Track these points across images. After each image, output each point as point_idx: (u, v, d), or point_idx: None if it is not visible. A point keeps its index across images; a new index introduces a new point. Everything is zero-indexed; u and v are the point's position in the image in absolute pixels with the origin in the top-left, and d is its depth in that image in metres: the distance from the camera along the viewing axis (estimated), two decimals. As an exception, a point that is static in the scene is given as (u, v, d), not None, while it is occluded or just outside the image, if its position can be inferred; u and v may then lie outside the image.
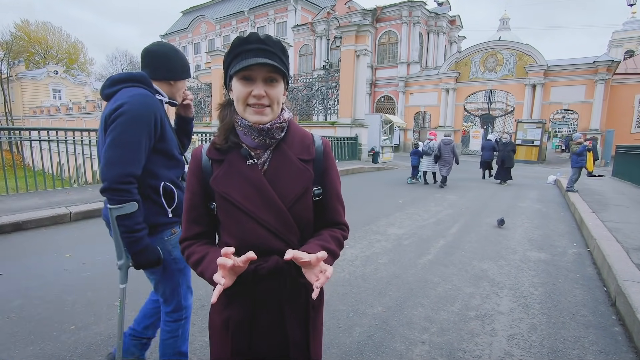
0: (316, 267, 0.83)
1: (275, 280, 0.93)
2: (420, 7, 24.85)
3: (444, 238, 4.66)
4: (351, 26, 14.60)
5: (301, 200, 0.96)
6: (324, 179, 1.02)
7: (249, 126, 0.91)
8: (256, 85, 0.88)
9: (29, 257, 3.45)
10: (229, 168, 0.94)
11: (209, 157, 0.97)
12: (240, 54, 0.88)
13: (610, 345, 2.29)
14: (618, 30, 38.70)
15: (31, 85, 39.46)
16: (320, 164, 1.01)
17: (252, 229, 0.92)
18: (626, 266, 3.22)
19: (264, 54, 0.87)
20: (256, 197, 0.92)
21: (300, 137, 1.01)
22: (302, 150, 0.99)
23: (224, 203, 0.94)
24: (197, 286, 2.90)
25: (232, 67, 0.90)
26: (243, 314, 0.94)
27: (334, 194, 1.04)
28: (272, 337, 0.96)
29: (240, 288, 0.92)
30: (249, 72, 0.87)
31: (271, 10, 31.83)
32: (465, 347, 2.22)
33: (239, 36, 0.89)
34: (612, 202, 6.88)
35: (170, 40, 42.62)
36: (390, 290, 3.01)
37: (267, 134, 0.92)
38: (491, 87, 22.38)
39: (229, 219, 0.94)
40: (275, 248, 0.92)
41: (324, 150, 1.02)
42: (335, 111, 15.27)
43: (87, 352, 2.03)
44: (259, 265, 0.92)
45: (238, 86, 0.89)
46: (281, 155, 0.96)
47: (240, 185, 0.92)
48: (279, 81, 0.91)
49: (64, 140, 6.48)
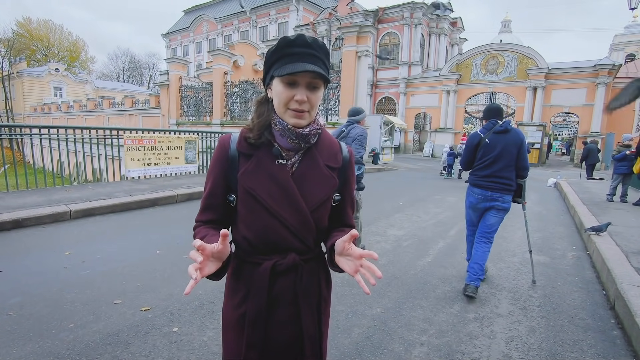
0: (358, 259, 0.84)
1: (291, 276, 0.96)
2: (421, 9, 24.88)
3: (443, 240, 4.66)
4: (353, 27, 14.60)
5: (323, 206, 0.99)
6: (344, 187, 1.05)
7: (287, 128, 0.93)
8: (299, 90, 0.88)
9: (29, 255, 3.45)
10: (257, 164, 0.95)
11: (239, 149, 0.97)
12: (285, 56, 0.88)
13: (609, 349, 2.29)
14: (619, 34, 38.69)
15: (32, 82, 39.43)
16: (345, 172, 1.04)
17: (273, 227, 0.94)
18: (625, 270, 3.22)
19: (311, 59, 0.87)
20: (281, 196, 0.93)
21: (328, 143, 1.03)
22: (330, 158, 1.01)
23: (248, 198, 0.95)
24: (199, 286, 2.90)
25: (274, 68, 0.90)
26: (259, 309, 0.95)
27: (349, 201, 1.08)
28: (288, 332, 0.98)
29: (258, 284, 0.95)
30: (293, 77, 0.87)
31: (273, 10, 31.87)
32: (464, 349, 2.22)
33: (286, 36, 0.89)
34: (611, 205, 6.88)
35: (172, 39, 42.70)
36: (389, 292, 3.01)
37: (304, 138, 0.95)
38: (492, 89, 22.37)
39: (251, 214, 0.95)
40: (293, 246, 0.96)
41: (349, 160, 1.06)
42: (336, 112, 15.26)
43: (86, 351, 2.03)
44: (277, 262, 0.95)
45: (281, 88, 0.89)
46: (310, 160, 0.98)
47: (267, 183, 0.93)
48: (321, 87, 0.92)
49: (64, 138, 6.48)
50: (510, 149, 2.99)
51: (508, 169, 3.02)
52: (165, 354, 2.04)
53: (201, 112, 20.71)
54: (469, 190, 3.23)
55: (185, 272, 3.16)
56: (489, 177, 3.06)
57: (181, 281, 2.99)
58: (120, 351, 2.04)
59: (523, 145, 3.01)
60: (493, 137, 3.05)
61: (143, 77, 59.95)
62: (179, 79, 21.35)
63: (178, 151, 7.99)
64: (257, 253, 0.97)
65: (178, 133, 8.25)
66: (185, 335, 2.23)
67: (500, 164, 3.01)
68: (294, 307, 0.97)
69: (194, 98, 20.95)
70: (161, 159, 7.69)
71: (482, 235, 3.13)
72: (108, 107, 30.21)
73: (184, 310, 2.52)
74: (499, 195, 3.03)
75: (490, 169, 3.04)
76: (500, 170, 3.01)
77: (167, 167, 7.84)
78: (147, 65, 60.53)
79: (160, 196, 5.89)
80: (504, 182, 3.03)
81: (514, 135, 3.02)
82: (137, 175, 7.29)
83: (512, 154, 3.00)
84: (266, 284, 0.94)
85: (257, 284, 0.95)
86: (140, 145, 7.25)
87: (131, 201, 5.40)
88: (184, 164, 8.16)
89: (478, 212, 3.19)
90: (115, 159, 7.38)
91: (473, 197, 3.16)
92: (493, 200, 3.05)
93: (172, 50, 42.85)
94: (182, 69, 22.00)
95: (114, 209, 5.16)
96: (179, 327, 2.31)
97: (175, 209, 5.68)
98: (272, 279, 0.95)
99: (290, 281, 0.96)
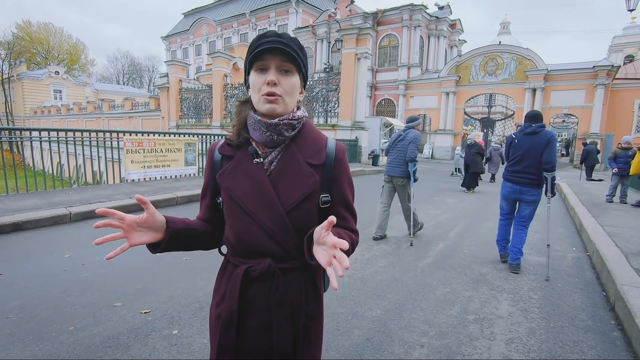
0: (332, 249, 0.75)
1: (265, 283, 0.92)
2: (421, 11, 24.96)
3: (443, 241, 4.66)
4: (352, 29, 14.66)
5: (302, 206, 0.93)
6: (333, 187, 0.97)
7: (257, 120, 0.91)
8: (270, 72, 0.88)
9: (29, 258, 3.45)
10: (236, 165, 0.95)
11: (220, 152, 0.99)
12: (257, 48, 0.88)
13: (609, 350, 2.29)
14: (618, 35, 38.81)
15: (32, 85, 39.51)
16: (330, 170, 0.96)
17: (250, 228, 0.92)
18: (625, 271, 3.22)
19: (279, 44, 0.87)
20: (257, 196, 0.91)
21: (313, 139, 0.98)
22: (313, 154, 0.96)
23: (227, 198, 0.95)
24: (196, 287, 2.90)
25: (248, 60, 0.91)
26: (231, 312, 0.93)
27: (341, 202, 0.99)
28: (259, 341, 0.94)
29: (230, 287, 0.94)
30: (263, 62, 0.88)
31: (272, 12, 31.97)
32: (464, 351, 2.22)
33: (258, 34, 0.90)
34: (611, 206, 6.88)
35: (172, 42, 42.79)
36: (389, 293, 3.01)
37: (275, 129, 0.91)
38: (491, 90, 22.42)
39: (231, 214, 0.96)
40: (270, 251, 0.92)
41: (336, 157, 0.98)
42: (335, 114, 15.29)
43: (86, 353, 2.03)
44: (250, 267, 0.92)
45: (254, 76, 0.90)
46: (289, 157, 0.94)
47: (244, 183, 0.93)
48: (294, 73, 0.90)
49: (64, 141, 6.49)
50: (536, 148, 3.47)
51: (534, 166, 3.49)
52: (166, 356, 2.04)
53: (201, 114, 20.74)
54: (503, 183, 3.83)
55: (185, 274, 3.16)
56: (517, 173, 3.61)
57: (181, 284, 2.98)
58: (120, 354, 2.04)
59: (549, 143, 3.43)
60: (522, 138, 3.59)
61: (143, 79, 60.13)
62: (178, 81, 21.39)
63: (178, 153, 7.99)
64: (237, 254, 0.96)
65: (178, 135, 8.27)
66: (185, 337, 2.23)
67: (527, 161, 3.52)
68: (266, 316, 0.92)
69: (193, 100, 20.98)
70: (161, 162, 7.69)
71: (518, 224, 3.74)
72: (108, 110, 30.26)
73: (184, 313, 2.52)
74: (527, 189, 3.57)
75: (519, 165, 3.58)
76: (527, 167, 3.53)
77: (167, 170, 7.84)
78: (147, 67, 60.77)
79: (160, 198, 5.89)
80: (529, 178, 3.53)
81: (541, 136, 3.48)
82: (137, 178, 7.30)
83: (538, 153, 3.45)
84: (237, 289, 0.92)
85: (231, 287, 0.94)
86: (140, 147, 7.26)
87: (131, 203, 5.40)
88: (183, 166, 8.16)
89: (509, 202, 3.81)
90: (115, 161, 7.38)
91: (505, 190, 3.78)
92: (521, 193, 3.61)
93: (171, 52, 42.94)
94: (182, 72, 22.05)
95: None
96: (179, 329, 2.31)
97: (175, 211, 5.68)
98: (247, 284, 0.92)
99: (264, 289, 0.92)
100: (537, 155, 3.44)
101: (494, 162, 11.76)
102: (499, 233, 3.98)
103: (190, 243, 0.98)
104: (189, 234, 0.97)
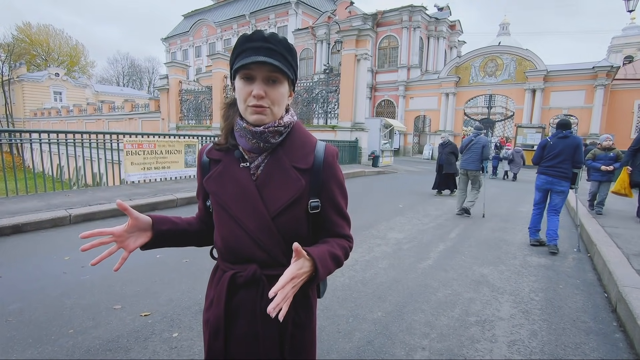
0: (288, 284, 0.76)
1: (251, 290, 0.90)
2: (420, 12, 24.99)
3: (444, 243, 4.65)
4: (352, 30, 14.67)
5: (289, 211, 0.90)
6: (322, 191, 0.94)
7: (243, 128, 0.89)
8: (256, 84, 0.84)
9: (28, 260, 3.44)
10: (223, 169, 0.94)
11: (208, 157, 0.99)
12: (243, 51, 0.85)
13: (611, 352, 2.28)
14: (617, 36, 38.86)
15: (32, 87, 39.52)
16: (319, 174, 0.93)
17: (236, 234, 0.91)
18: (627, 272, 3.21)
19: (266, 52, 0.83)
20: (242, 201, 0.90)
21: (301, 143, 0.95)
22: (300, 158, 0.92)
23: (214, 203, 0.95)
24: (196, 290, 2.89)
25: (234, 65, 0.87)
26: (218, 318, 0.92)
27: (331, 207, 0.96)
28: (247, 349, 0.92)
29: (218, 292, 0.93)
30: (249, 71, 0.84)
31: (272, 14, 31.99)
32: (466, 353, 2.21)
33: (244, 34, 0.85)
34: (612, 207, 6.87)
35: (172, 44, 42.84)
36: (390, 295, 3.00)
37: (261, 137, 0.88)
38: (491, 91, 22.43)
39: (219, 219, 0.95)
40: (256, 257, 0.90)
41: (325, 161, 0.94)
42: (335, 115, 15.29)
43: (86, 357, 2.02)
44: (236, 273, 0.91)
45: (240, 85, 0.86)
46: (275, 161, 0.91)
47: (230, 188, 0.91)
48: (282, 82, 0.87)
49: (64, 143, 6.49)
50: (568, 149, 4.30)
51: (565, 162, 4.31)
52: (166, 359, 2.03)
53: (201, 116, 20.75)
54: (537, 176, 4.59)
55: (185, 277, 3.15)
56: (551, 167, 4.39)
57: (181, 286, 2.97)
58: (120, 357, 2.03)
59: (579, 146, 4.28)
60: (556, 140, 4.41)
61: (143, 81, 60.18)
62: (178, 83, 21.41)
63: (178, 155, 7.99)
64: (225, 260, 0.95)
65: (178, 137, 8.27)
66: (185, 340, 2.22)
67: (559, 158, 4.33)
68: (253, 324, 0.90)
69: (193, 102, 21.00)
70: (161, 163, 7.69)
71: (551, 210, 4.47)
72: (108, 111, 30.25)
73: (184, 316, 2.51)
74: (558, 180, 4.34)
75: (552, 161, 4.38)
76: (559, 163, 4.33)
77: (167, 171, 7.84)
78: (147, 69, 60.81)
79: (160, 200, 5.88)
80: (561, 171, 4.32)
81: (572, 139, 4.34)
82: (137, 180, 7.29)
83: (569, 153, 4.29)
84: (224, 294, 0.91)
85: (218, 293, 0.93)
86: (140, 149, 7.25)
87: (131, 205, 5.35)
88: (183, 167, 8.16)
89: (542, 192, 4.56)
90: (115, 163, 7.38)
91: (539, 181, 4.54)
92: (552, 184, 4.39)
93: (171, 54, 42.97)
94: (182, 73, 22.06)
95: (114, 214, 5.15)
96: (179, 332, 2.30)
97: (175, 213, 5.67)
98: (233, 290, 0.91)
99: (250, 296, 0.90)
100: (568, 154, 4.28)
101: (516, 162, 12.64)
102: (531, 221, 4.67)
103: (179, 241, 1.03)
104: (177, 233, 1.01)
